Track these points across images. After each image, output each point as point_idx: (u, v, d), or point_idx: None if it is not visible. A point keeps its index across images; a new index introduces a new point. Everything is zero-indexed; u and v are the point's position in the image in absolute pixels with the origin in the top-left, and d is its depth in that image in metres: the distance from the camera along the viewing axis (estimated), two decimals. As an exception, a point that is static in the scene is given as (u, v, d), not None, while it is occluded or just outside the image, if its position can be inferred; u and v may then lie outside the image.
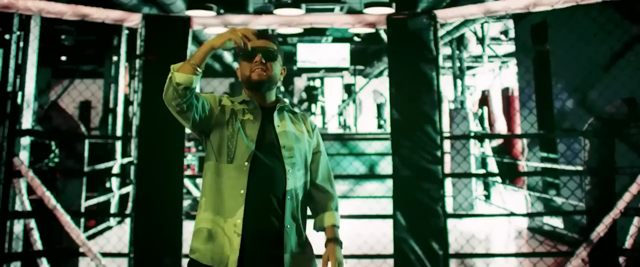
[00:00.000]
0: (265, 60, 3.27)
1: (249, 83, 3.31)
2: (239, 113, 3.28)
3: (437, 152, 6.04)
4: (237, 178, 3.11)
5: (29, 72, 6.54)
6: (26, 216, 6.30)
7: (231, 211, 3.07)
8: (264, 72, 3.26)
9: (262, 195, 3.10)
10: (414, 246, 5.93)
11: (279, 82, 3.49)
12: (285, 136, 3.26)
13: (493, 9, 6.04)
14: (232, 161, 3.14)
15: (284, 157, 3.19)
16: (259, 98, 3.36)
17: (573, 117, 9.21)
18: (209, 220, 3.13)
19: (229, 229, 3.05)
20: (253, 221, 3.05)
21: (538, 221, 10.20)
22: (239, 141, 3.16)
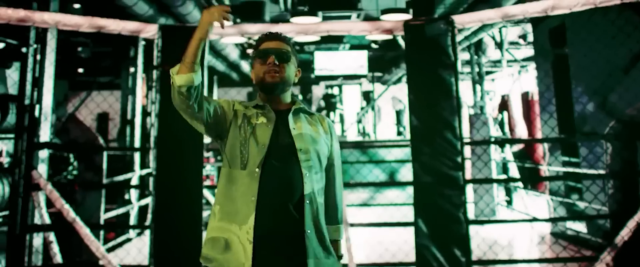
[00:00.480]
0: (278, 62, 3.24)
1: (263, 85, 3.27)
2: (252, 117, 3.23)
3: (458, 158, 6.00)
4: (248, 184, 3.06)
5: (46, 85, 6.55)
6: (45, 229, 6.31)
7: (244, 218, 3.02)
8: (277, 74, 3.22)
9: (274, 200, 3.04)
10: (436, 253, 5.88)
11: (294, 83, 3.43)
12: (301, 138, 3.20)
13: (511, 13, 5.99)
14: (245, 167, 3.10)
15: (301, 161, 3.13)
16: (274, 100, 3.32)
17: (594, 121, 9.11)
18: (223, 228, 3.08)
19: (242, 237, 3.00)
20: (265, 228, 3.00)
21: (561, 226, 10.09)
22: (251, 146, 3.12)
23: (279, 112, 3.28)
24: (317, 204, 3.17)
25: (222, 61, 17.11)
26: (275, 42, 3.31)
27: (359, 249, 8.49)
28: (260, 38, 3.39)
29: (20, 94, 6.36)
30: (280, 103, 3.34)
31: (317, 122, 3.41)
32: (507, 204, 13.47)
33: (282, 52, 3.26)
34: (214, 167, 15.91)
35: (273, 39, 3.33)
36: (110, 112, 20.66)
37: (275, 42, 3.31)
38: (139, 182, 11.42)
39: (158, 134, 6.16)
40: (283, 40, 3.35)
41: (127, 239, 10.71)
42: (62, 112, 13.87)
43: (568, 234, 9.80)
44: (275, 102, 3.32)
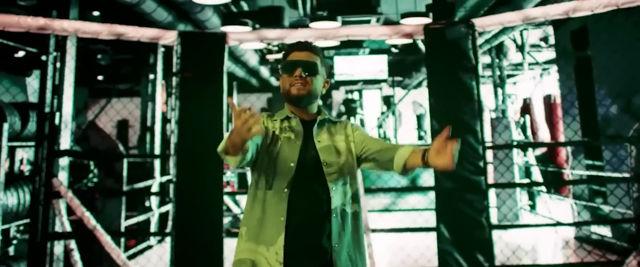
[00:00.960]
0: (305, 74, 3.16)
1: (289, 97, 3.21)
2: (281, 132, 3.18)
3: (480, 162, 5.94)
4: (277, 204, 3.01)
5: (66, 93, 6.57)
6: (66, 237, 6.31)
7: (272, 239, 2.97)
8: (303, 87, 3.15)
9: (302, 219, 2.99)
10: (459, 259, 5.83)
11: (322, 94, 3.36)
12: (326, 151, 3.15)
13: (531, 15, 5.93)
14: (272, 187, 3.05)
15: (326, 174, 3.08)
16: (301, 112, 3.27)
17: (617, 123, 9.01)
18: (251, 250, 3.03)
19: (271, 258, 2.95)
20: (296, 247, 2.95)
21: (585, 230, 9.99)
22: (279, 165, 3.07)
23: (306, 123, 3.24)
24: (345, 215, 3.10)
25: (242, 67, 17.14)
26: (304, 53, 3.22)
27: (381, 255, 8.44)
28: (288, 47, 3.31)
29: (41, 101, 6.38)
30: (307, 114, 3.28)
31: (342, 129, 3.33)
32: (531, 209, 13.38)
33: (309, 64, 3.18)
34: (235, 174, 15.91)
35: (301, 49, 3.25)
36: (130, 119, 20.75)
37: (303, 52, 3.23)
38: (159, 189, 11.44)
39: (178, 140, 6.15)
40: (312, 50, 3.26)
41: (148, 246, 10.72)
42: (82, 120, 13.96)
43: (592, 238, 9.70)
44: (302, 113, 3.27)
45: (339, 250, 3.01)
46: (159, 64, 12.37)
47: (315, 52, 3.27)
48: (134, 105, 13.23)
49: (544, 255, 9.61)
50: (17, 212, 6.93)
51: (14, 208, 6.85)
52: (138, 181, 10.40)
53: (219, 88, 6.23)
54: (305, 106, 3.25)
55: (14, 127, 7.15)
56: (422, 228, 6.63)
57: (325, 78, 3.35)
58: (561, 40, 11.34)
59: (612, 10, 5.60)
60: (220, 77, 6.25)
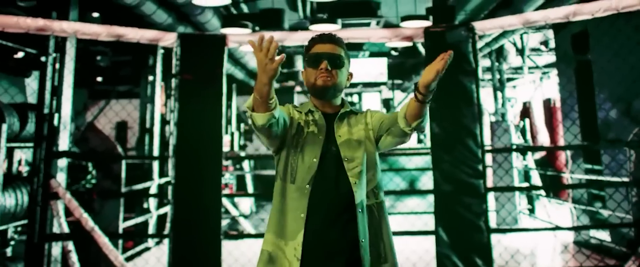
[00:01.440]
0: (330, 67, 3.15)
1: (314, 90, 3.21)
2: (305, 126, 3.18)
3: (479, 166, 5.96)
4: (298, 200, 3.01)
5: (65, 94, 6.56)
6: (64, 238, 6.31)
7: (292, 234, 2.97)
8: (329, 79, 3.15)
9: (324, 216, 2.98)
10: (458, 262, 5.85)
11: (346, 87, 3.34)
12: (347, 146, 3.13)
13: (532, 19, 5.95)
14: (294, 181, 3.05)
15: (347, 170, 3.05)
16: (324, 105, 3.26)
17: (617, 128, 9.01)
18: (270, 242, 3.05)
19: (289, 253, 2.95)
20: (315, 244, 2.95)
21: (584, 235, 9.99)
22: (300, 160, 3.07)
23: (329, 117, 3.22)
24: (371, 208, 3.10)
25: (241, 69, 17.13)
26: (328, 45, 3.22)
27: (379, 258, 8.39)
28: (312, 39, 3.29)
29: (40, 102, 6.38)
30: (330, 107, 3.27)
31: (362, 118, 3.29)
32: (530, 213, 13.36)
33: (335, 57, 3.18)
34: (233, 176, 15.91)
35: (325, 41, 3.23)
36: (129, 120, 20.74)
37: (328, 45, 3.22)
38: (157, 191, 11.43)
39: (177, 142, 6.15)
40: (336, 42, 3.25)
41: (146, 248, 10.71)
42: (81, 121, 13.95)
43: (591, 242, 9.69)
44: (326, 106, 3.26)
45: (366, 246, 2.98)
46: (159, 66, 12.36)
47: (340, 44, 3.27)
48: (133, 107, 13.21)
49: (542, 259, 9.61)
50: (14, 213, 6.91)
51: (11, 209, 6.84)
52: (136, 183, 10.38)
53: (218, 90, 6.24)
54: (330, 99, 3.26)
55: (13, 128, 7.13)
56: (420, 231, 6.62)
57: (350, 71, 3.35)
58: (561, 43, 11.34)
59: (613, 14, 5.61)
60: (220, 79, 6.25)
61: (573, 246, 10.18)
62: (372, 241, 3.03)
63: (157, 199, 11.39)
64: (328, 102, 3.27)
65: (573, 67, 10.73)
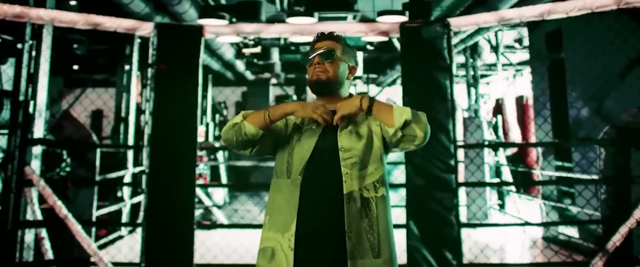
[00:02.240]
0: (323, 60, 3.23)
1: (310, 85, 3.29)
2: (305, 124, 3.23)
3: (451, 161, 6.01)
4: (291, 192, 3.06)
5: (41, 81, 6.54)
6: (37, 225, 6.30)
7: (287, 226, 3.02)
8: (321, 73, 3.22)
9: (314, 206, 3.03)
10: (427, 256, 5.89)
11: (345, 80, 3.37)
12: (347, 137, 3.16)
13: (507, 16, 6.01)
14: (289, 175, 3.10)
15: (341, 159, 3.08)
16: (329, 100, 3.29)
17: (588, 126, 9.12)
18: (270, 238, 3.09)
19: (284, 245, 3.00)
20: (306, 233, 2.99)
21: (553, 231, 10.11)
22: (296, 154, 3.13)
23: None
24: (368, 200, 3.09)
25: (217, 60, 17.09)
26: (323, 42, 3.30)
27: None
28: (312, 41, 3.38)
29: (15, 90, 6.35)
30: (336, 101, 3.26)
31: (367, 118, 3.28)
32: (500, 208, 13.48)
33: (327, 51, 3.24)
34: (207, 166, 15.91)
35: (322, 39, 3.33)
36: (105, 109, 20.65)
37: (323, 42, 3.30)
38: (131, 180, 11.40)
39: (152, 132, 6.16)
40: (332, 38, 3.33)
41: (119, 236, 10.69)
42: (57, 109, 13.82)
43: (560, 238, 9.81)
44: (329, 102, 3.27)
45: (355, 236, 2.98)
46: (135, 55, 12.30)
47: (336, 40, 3.34)
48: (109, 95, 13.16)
49: (511, 254, 9.71)
50: (-12, 199, 6.90)
51: (-15, 195, 6.83)
52: (111, 171, 10.35)
53: (194, 81, 6.26)
54: (329, 93, 3.30)
55: (-13, 114, 7.12)
56: (392, 224, 6.65)
57: (351, 65, 3.38)
58: (535, 42, 11.44)
59: (587, 13, 5.69)
60: (196, 70, 6.27)
61: (542, 242, 10.31)
62: (363, 233, 3.02)
63: (131, 188, 11.36)
64: (330, 97, 3.31)
65: (546, 65, 10.83)
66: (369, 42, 16.50)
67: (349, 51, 3.38)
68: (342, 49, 3.32)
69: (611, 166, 7.67)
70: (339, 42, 3.33)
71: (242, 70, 19.47)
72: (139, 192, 11.32)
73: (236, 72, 19.83)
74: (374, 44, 16.84)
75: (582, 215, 8.92)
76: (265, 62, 17.45)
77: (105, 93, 15.02)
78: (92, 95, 18.25)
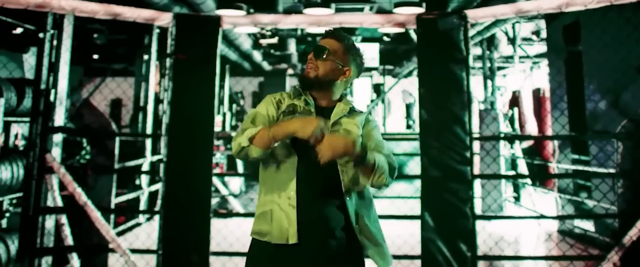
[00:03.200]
0: (315, 58, 3.26)
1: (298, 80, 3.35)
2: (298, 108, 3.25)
3: (467, 153, 6.01)
4: (288, 156, 3.12)
5: (62, 70, 6.60)
6: (58, 212, 6.37)
7: (284, 186, 3.08)
8: (310, 70, 3.26)
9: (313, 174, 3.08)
10: (442, 247, 5.90)
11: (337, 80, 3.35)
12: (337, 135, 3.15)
13: (524, 8, 5.99)
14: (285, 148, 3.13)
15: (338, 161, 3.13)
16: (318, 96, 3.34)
17: (606, 119, 9.10)
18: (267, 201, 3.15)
19: (283, 203, 3.06)
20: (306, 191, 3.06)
21: (569, 224, 10.09)
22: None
23: (323, 109, 3.30)
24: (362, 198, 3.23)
25: (235, 51, 17.12)
26: (325, 40, 3.34)
27: (366, 241, 8.42)
28: None
29: (37, 78, 6.42)
30: (325, 100, 3.34)
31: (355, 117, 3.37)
32: (515, 201, 13.45)
33: (319, 48, 3.27)
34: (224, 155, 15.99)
35: (325, 37, 3.36)
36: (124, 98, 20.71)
37: (325, 40, 3.34)
38: (149, 168, 11.50)
39: (170, 121, 6.22)
40: (336, 38, 3.35)
41: (137, 223, 10.80)
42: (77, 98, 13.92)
43: (575, 232, 9.80)
44: (319, 99, 3.33)
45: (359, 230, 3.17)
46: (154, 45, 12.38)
47: (339, 39, 3.35)
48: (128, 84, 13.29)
49: (526, 247, 9.70)
50: (10, 185, 6.99)
51: (7, 182, 6.91)
52: (129, 160, 10.45)
53: (211, 71, 6.30)
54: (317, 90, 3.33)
55: (10, 102, 7.20)
56: (406, 216, 6.65)
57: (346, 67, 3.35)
58: (553, 34, 11.40)
59: (605, 5, 5.67)
60: (213, 60, 6.31)
61: (557, 235, 10.29)
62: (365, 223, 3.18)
63: (149, 176, 11.47)
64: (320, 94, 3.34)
65: (563, 57, 10.80)
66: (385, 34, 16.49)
67: (349, 53, 3.37)
68: (342, 50, 3.33)
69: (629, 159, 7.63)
70: (341, 43, 3.34)
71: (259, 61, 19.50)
72: (157, 181, 11.42)
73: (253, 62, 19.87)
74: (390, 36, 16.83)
75: (599, 209, 8.90)
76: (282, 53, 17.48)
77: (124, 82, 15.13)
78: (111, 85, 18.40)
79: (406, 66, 20.01)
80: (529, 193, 12.93)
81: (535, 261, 7.92)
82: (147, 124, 12.45)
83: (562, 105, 10.72)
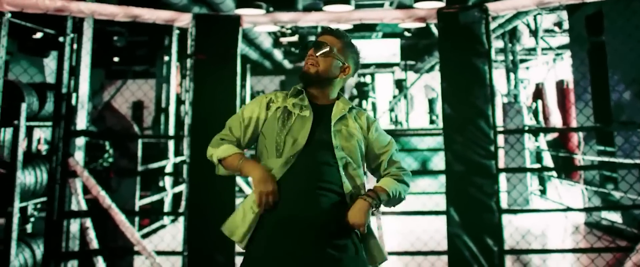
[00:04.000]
0: (316, 54, 3.23)
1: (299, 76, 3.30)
2: (295, 108, 3.21)
3: (491, 146, 5.95)
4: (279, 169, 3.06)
5: (83, 74, 6.62)
6: (82, 215, 6.39)
7: None
8: (311, 66, 3.22)
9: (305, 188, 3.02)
10: (468, 242, 5.86)
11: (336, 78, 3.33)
12: (339, 135, 3.17)
13: (546, 0, 5.92)
14: (281, 155, 3.09)
15: (338, 158, 3.11)
16: (316, 94, 3.31)
17: (631, 109, 9.00)
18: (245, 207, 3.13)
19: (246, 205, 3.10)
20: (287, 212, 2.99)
21: (595, 216, 10.00)
22: (289, 136, 3.11)
23: (321, 107, 3.27)
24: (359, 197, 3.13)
25: (255, 50, 17.16)
26: (324, 36, 3.31)
27: (391, 238, 8.47)
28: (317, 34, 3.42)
29: (58, 82, 6.45)
30: (324, 98, 3.32)
31: (357, 117, 3.35)
32: (541, 194, 13.37)
33: (320, 44, 3.25)
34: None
35: (323, 34, 3.34)
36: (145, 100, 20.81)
37: (324, 36, 3.31)
38: (173, 170, 11.54)
39: (192, 121, 6.21)
40: (333, 34, 3.34)
41: (162, 225, 10.84)
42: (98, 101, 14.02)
43: (603, 224, 9.71)
44: (317, 97, 3.30)
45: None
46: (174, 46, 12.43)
47: (337, 36, 3.33)
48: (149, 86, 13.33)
49: (553, 240, 9.64)
50: (34, 190, 7.01)
51: (31, 187, 6.94)
52: (152, 162, 10.49)
53: (232, 70, 6.28)
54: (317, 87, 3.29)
55: (32, 107, 7.23)
56: (432, 211, 6.65)
57: (346, 64, 3.33)
58: (575, 25, 11.30)
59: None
60: (234, 59, 6.29)
61: (584, 227, 10.21)
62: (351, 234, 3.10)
63: (172, 178, 11.50)
64: (318, 91, 3.31)
65: (587, 48, 10.70)
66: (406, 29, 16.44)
67: (348, 51, 3.36)
68: (341, 47, 3.31)
69: (655, 149, 7.54)
70: (339, 39, 3.33)
71: (280, 59, 19.54)
72: (181, 182, 11.43)
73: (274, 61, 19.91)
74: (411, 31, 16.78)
75: (626, 200, 8.81)
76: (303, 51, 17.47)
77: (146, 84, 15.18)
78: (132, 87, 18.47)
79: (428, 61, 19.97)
80: (555, 186, 12.84)
81: (563, 254, 7.84)
82: (170, 125, 12.49)
83: (586, 96, 10.63)
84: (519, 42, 14.61)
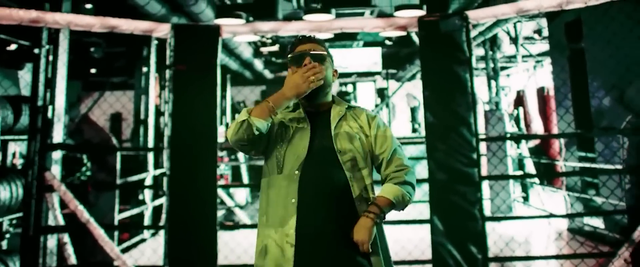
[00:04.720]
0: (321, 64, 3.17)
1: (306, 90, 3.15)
2: (290, 122, 3.19)
3: (473, 154, 5.97)
4: (287, 187, 3.02)
5: (59, 86, 6.54)
6: (59, 231, 6.31)
7: (282, 221, 2.98)
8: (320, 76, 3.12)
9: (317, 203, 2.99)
10: (453, 251, 5.86)
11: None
12: (340, 139, 3.14)
13: (525, 7, 5.95)
14: (282, 171, 3.06)
15: (342, 162, 3.08)
16: (314, 103, 3.27)
17: (611, 115, 9.03)
18: (264, 234, 3.07)
19: (280, 240, 2.96)
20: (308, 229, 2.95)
21: (578, 222, 10.03)
22: (290, 151, 3.09)
23: (318, 114, 3.24)
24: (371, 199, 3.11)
25: (235, 60, 17.10)
26: (308, 45, 3.24)
27: (375, 248, 8.35)
28: (293, 42, 3.32)
29: (33, 95, 6.37)
30: (321, 105, 3.29)
31: (357, 116, 3.31)
32: (524, 201, 13.42)
33: (319, 54, 3.20)
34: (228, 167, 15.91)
35: (306, 41, 3.27)
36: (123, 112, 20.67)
37: (308, 44, 3.24)
38: (152, 183, 11.44)
39: (171, 133, 6.14)
40: (316, 41, 3.28)
41: (142, 239, 10.72)
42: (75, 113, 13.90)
43: (585, 230, 9.74)
44: (315, 105, 3.27)
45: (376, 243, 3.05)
46: (153, 57, 12.34)
47: (320, 43, 3.29)
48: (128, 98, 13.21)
49: (537, 247, 9.64)
50: (9, 206, 6.91)
51: (6, 202, 6.83)
52: (131, 174, 10.38)
53: (212, 81, 6.23)
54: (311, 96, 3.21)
55: (7, 120, 7.14)
56: (415, 220, 6.62)
57: (334, 68, 3.35)
58: (555, 32, 11.34)
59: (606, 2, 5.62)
60: (214, 69, 6.24)
61: (567, 233, 10.24)
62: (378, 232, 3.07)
63: (152, 191, 11.40)
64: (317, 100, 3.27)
65: (566, 55, 10.74)
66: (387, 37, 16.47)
67: (330, 56, 3.35)
68: (327, 53, 3.30)
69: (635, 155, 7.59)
70: (323, 46, 3.30)
71: (261, 69, 19.49)
72: (161, 195, 11.35)
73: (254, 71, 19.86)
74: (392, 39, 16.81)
75: (607, 205, 8.85)
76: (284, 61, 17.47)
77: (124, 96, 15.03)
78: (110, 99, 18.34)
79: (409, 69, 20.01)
80: (538, 192, 12.89)
81: (546, 260, 7.85)
82: (149, 137, 12.39)
83: (567, 103, 10.66)
84: (500, 49, 14.67)
